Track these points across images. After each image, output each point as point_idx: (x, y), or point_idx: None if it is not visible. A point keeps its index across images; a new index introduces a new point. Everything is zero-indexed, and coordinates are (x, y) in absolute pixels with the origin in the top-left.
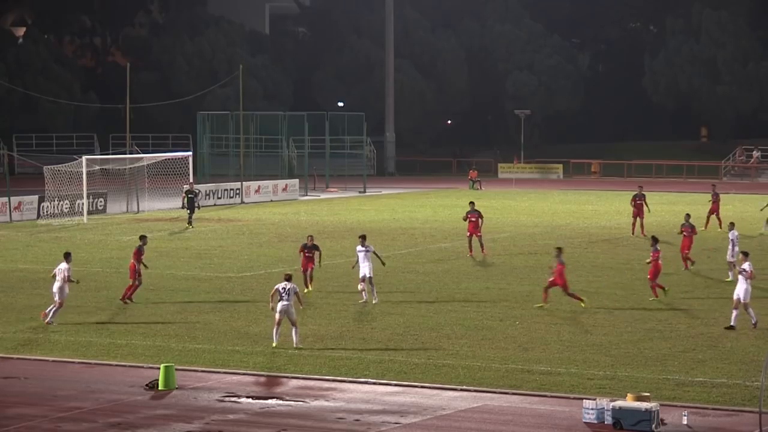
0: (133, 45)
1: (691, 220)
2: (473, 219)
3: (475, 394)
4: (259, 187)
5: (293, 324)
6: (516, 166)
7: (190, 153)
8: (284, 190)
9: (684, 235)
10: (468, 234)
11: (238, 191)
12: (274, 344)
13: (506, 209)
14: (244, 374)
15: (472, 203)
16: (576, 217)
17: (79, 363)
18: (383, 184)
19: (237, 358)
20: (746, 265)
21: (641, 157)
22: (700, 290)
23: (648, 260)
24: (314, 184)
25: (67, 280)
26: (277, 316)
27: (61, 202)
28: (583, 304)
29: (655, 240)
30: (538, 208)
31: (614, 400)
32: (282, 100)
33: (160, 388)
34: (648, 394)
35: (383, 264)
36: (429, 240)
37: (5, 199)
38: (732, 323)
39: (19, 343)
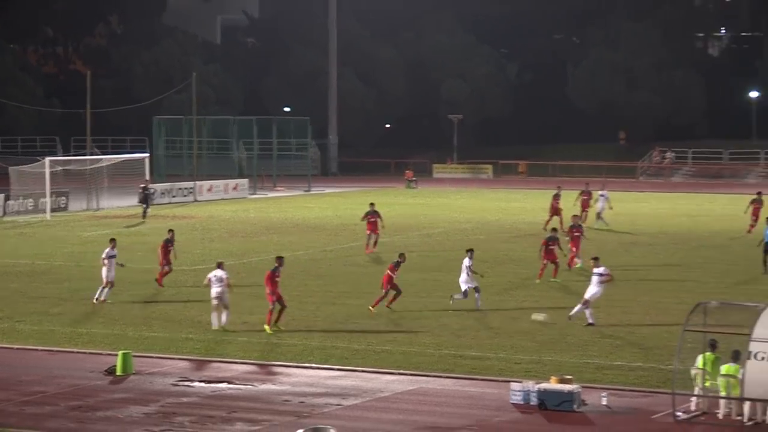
0: (94, 54)
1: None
2: (372, 219)
3: (411, 377)
4: (211, 186)
5: (226, 308)
6: (449, 166)
7: (147, 154)
8: (234, 189)
9: (574, 236)
10: (367, 232)
11: (191, 190)
12: (214, 328)
13: (440, 206)
14: (197, 360)
15: (371, 204)
16: (504, 214)
17: (42, 350)
18: (327, 184)
19: (190, 345)
20: (601, 269)
21: (564, 158)
22: (617, 280)
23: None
24: (262, 183)
25: (114, 263)
26: (214, 302)
27: (26, 201)
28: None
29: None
30: (470, 206)
31: (539, 383)
32: (233, 106)
33: (118, 373)
34: (570, 376)
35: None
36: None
37: None
38: (590, 321)
39: None
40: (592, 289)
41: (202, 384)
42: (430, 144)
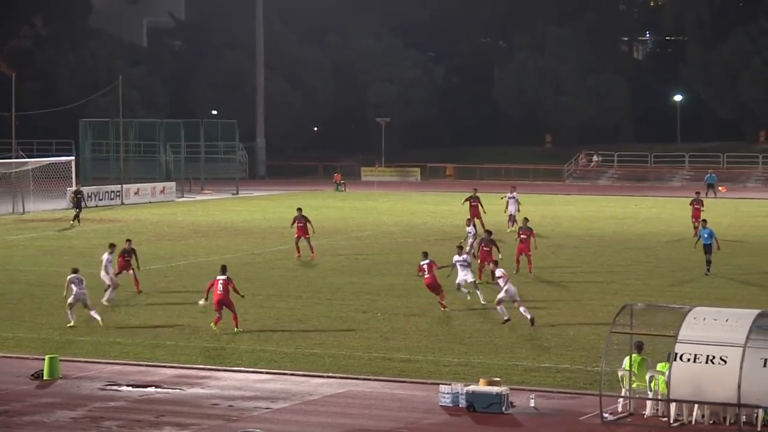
0: (18, 56)
1: (529, 224)
2: (300, 224)
3: (340, 380)
4: (138, 189)
5: (87, 307)
6: (377, 169)
7: (73, 157)
8: (162, 192)
9: (521, 239)
10: (296, 237)
11: (118, 193)
12: (71, 324)
13: (368, 209)
14: (124, 364)
15: (299, 209)
16: (432, 217)
17: None
18: (255, 187)
19: (117, 348)
20: (498, 272)
21: (492, 161)
22: (545, 282)
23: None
24: (190, 186)
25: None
26: (71, 300)
27: None
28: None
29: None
30: (398, 209)
31: (468, 385)
32: (159, 109)
33: (45, 377)
34: (498, 379)
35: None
36: None
37: None
38: (505, 318)
39: None
40: (501, 290)
41: (130, 388)
42: (358, 147)
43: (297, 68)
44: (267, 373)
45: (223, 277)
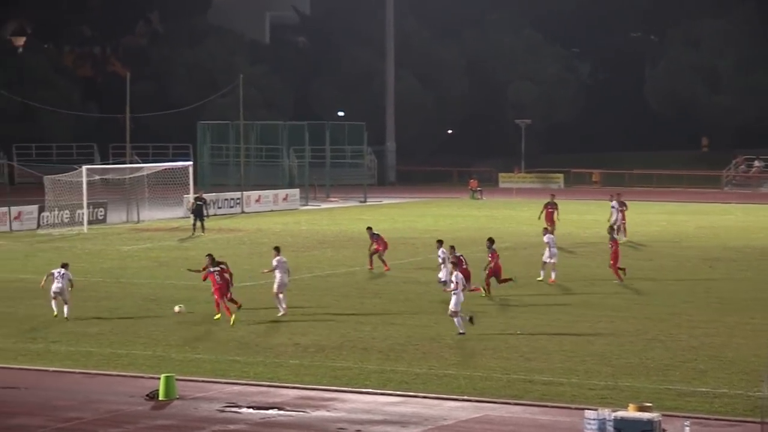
0: (133, 54)
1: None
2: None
3: (476, 404)
4: (259, 196)
5: (66, 302)
6: (517, 175)
7: (191, 162)
8: (285, 199)
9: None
10: (376, 249)
11: (238, 201)
12: (54, 314)
13: (507, 219)
14: (245, 384)
15: (369, 228)
16: (577, 226)
17: (79, 373)
18: (384, 194)
19: (238, 368)
20: (454, 277)
21: (642, 166)
22: (700, 299)
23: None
24: (315, 193)
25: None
26: (52, 294)
27: (61, 212)
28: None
29: (491, 241)
30: (540, 219)
31: (616, 411)
32: (282, 110)
33: (160, 398)
34: (650, 404)
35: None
36: (429, 249)
37: (5, 209)
38: (461, 330)
39: (19, 353)
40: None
41: (251, 410)
42: (496, 151)
43: (429, 66)
44: (397, 395)
45: (216, 268)
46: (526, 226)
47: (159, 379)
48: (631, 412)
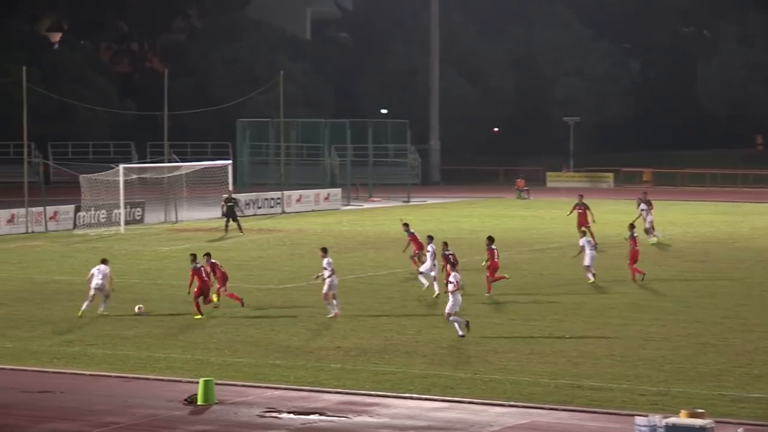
0: (171, 51)
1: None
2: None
3: (523, 410)
4: (300, 196)
5: (107, 298)
6: (565, 174)
7: (230, 161)
8: (326, 199)
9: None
10: (417, 251)
11: (278, 201)
12: (79, 314)
13: (555, 219)
14: (285, 389)
15: (405, 224)
16: (625, 228)
17: (116, 377)
18: (428, 194)
19: (278, 372)
20: (452, 277)
21: (694, 165)
22: (755, 301)
23: (485, 261)
24: (357, 193)
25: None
26: (93, 291)
27: (98, 212)
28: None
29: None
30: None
31: (667, 417)
32: (323, 108)
33: (199, 402)
34: (702, 410)
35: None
36: (475, 251)
37: (41, 208)
38: (460, 332)
39: (55, 356)
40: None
41: (291, 415)
42: (543, 149)
43: (474, 62)
44: (441, 400)
45: (199, 265)
46: (574, 226)
47: (198, 383)
48: (682, 419)
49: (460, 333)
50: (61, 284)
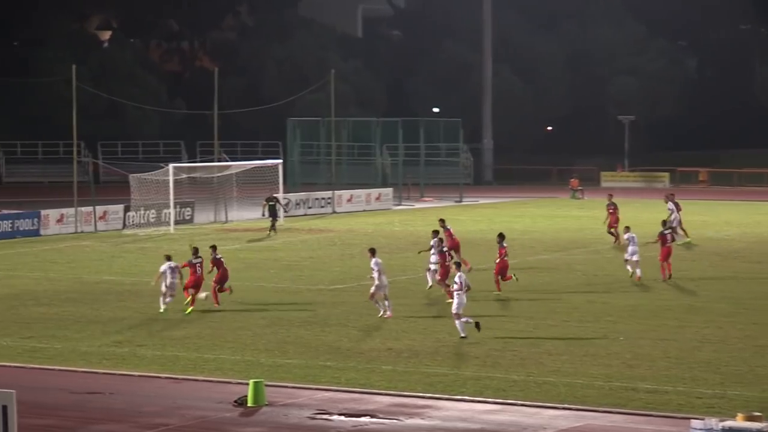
0: (221, 49)
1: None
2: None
3: (577, 413)
4: (351, 196)
5: (173, 296)
6: (619, 174)
7: (281, 161)
8: (377, 199)
9: (666, 245)
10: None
11: (329, 200)
12: (161, 310)
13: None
14: (336, 390)
15: (441, 220)
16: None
17: (165, 378)
18: (480, 194)
19: (329, 373)
20: (457, 278)
21: (752, 165)
22: None
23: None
24: (408, 193)
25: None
26: (163, 289)
27: (147, 212)
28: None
29: (501, 237)
30: (643, 219)
31: (724, 420)
32: (375, 106)
33: (249, 404)
34: (760, 414)
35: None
36: (528, 251)
37: (90, 208)
38: (462, 334)
39: (104, 357)
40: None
41: (342, 417)
42: (597, 149)
43: (527, 60)
44: (494, 403)
45: (198, 260)
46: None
47: (247, 384)
48: (739, 422)
49: (463, 334)
50: (110, 284)
